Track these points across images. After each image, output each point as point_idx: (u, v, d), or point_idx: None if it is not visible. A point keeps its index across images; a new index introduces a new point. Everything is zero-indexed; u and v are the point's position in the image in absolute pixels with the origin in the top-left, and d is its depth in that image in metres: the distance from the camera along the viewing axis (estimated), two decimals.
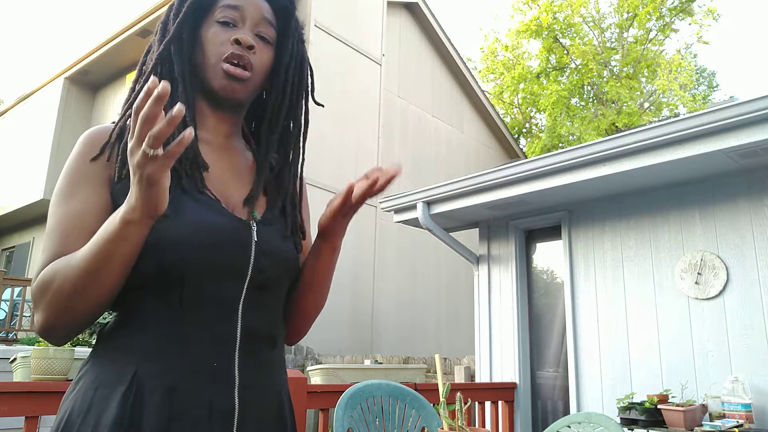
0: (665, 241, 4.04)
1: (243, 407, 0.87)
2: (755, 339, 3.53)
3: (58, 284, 0.80)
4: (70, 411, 0.83)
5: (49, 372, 3.92)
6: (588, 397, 4.22)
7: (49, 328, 0.83)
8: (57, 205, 0.89)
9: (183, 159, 0.91)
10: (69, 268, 0.80)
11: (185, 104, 0.95)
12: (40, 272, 0.84)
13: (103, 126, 0.96)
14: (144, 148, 0.70)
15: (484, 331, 4.95)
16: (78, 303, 0.80)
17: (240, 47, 0.96)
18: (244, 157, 1.05)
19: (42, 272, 0.83)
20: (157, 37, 0.99)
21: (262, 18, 1.01)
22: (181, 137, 0.70)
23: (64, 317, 0.81)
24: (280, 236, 0.98)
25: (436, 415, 2.76)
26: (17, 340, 7.80)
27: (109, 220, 0.79)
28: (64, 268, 0.81)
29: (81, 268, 0.79)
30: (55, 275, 0.81)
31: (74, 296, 0.79)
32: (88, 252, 0.79)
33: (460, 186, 4.56)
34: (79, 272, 0.79)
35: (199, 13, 0.99)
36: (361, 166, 9.45)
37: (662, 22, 17.27)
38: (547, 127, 17.31)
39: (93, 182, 0.90)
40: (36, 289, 0.83)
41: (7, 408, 2.04)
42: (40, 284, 0.82)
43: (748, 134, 3.20)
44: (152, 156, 0.70)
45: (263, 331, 0.94)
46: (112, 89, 11.40)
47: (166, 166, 0.73)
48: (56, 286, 0.80)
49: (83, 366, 0.89)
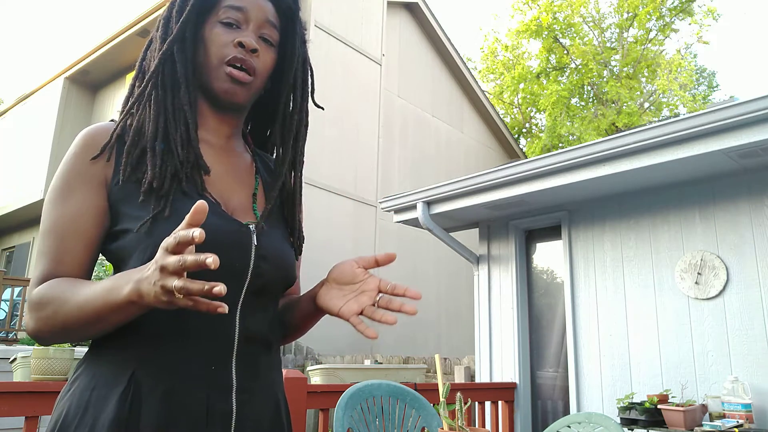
0: (665, 241, 4.04)
1: (240, 410, 0.87)
2: (755, 339, 3.54)
3: (51, 313, 0.81)
4: (66, 411, 0.83)
5: (49, 372, 3.91)
6: (588, 397, 4.22)
7: (37, 337, 0.84)
8: (53, 205, 0.89)
9: (185, 162, 0.91)
10: (65, 305, 0.80)
11: (188, 105, 0.94)
12: (38, 285, 0.85)
13: (102, 124, 0.95)
14: (172, 290, 0.69)
15: (484, 331, 4.95)
16: (67, 335, 0.83)
17: (243, 50, 0.95)
18: (243, 159, 1.04)
19: (38, 290, 0.83)
20: (159, 33, 0.97)
21: (266, 20, 0.99)
22: (213, 307, 0.71)
23: (54, 338, 0.84)
24: (279, 240, 0.98)
25: (436, 415, 2.76)
26: (17, 340, 7.80)
27: (114, 284, 0.76)
28: (60, 303, 0.81)
29: (74, 315, 0.79)
30: (50, 302, 0.81)
31: (64, 331, 0.81)
32: (84, 304, 0.79)
33: (460, 186, 4.55)
34: (71, 317, 0.80)
35: (202, 12, 0.98)
36: (361, 166, 9.45)
37: (662, 22, 17.27)
38: (547, 127, 17.31)
39: (90, 183, 0.89)
40: (31, 303, 0.84)
41: (7, 408, 2.04)
42: (36, 302, 0.83)
43: (748, 134, 3.19)
44: (176, 299, 0.70)
45: (260, 334, 0.94)
46: (112, 89, 11.40)
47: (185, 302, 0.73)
48: (49, 314, 0.81)
49: (78, 367, 0.88)
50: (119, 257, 0.88)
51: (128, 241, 0.86)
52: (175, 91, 0.94)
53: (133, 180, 0.89)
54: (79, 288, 0.81)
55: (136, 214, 0.87)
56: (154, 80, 0.93)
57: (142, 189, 0.87)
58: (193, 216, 0.69)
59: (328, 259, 8.56)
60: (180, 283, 0.69)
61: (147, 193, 0.87)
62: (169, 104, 0.93)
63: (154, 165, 0.88)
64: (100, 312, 0.78)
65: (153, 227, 0.85)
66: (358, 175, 9.37)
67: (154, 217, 0.85)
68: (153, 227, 0.85)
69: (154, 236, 0.83)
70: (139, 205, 0.87)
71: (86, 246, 0.88)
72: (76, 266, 0.87)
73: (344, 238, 8.90)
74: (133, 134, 0.91)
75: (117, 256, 0.89)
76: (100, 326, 0.80)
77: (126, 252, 0.87)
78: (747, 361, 3.53)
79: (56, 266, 0.86)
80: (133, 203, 0.88)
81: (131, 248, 0.86)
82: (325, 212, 8.59)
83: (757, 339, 3.53)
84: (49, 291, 0.82)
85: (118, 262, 0.89)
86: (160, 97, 0.93)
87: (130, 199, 0.88)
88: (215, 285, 0.68)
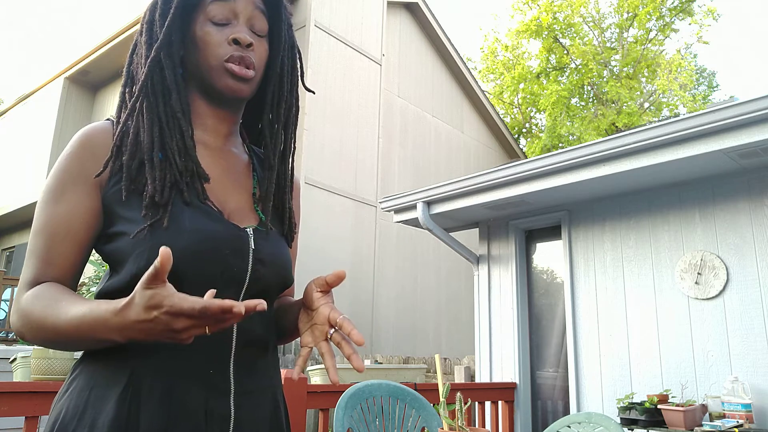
0: (665, 241, 4.04)
1: (238, 413, 0.87)
2: (755, 339, 3.53)
3: (35, 324, 0.82)
4: (64, 412, 0.82)
5: (49, 372, 3.91)
6: (588, 397, 4.22)
7: (21, 338, 0.87)
8: (46, 204, 0.88)
9: (184, 171, 0.90)
10: (47, 319, 0.80)
11: (180, 113, 0.92)
12: (27, 288, 0.85)
13: (99, 124, 0.93)
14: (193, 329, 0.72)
15: (484, 331, 4.95)
16: (50, 346, 0.85)
17: (239, 47, 0.94)
18: (240, 159, 1.03)
19: (26, 298, 0.84)
20: (144, 38, 0.95)
21: (254, 10, 0.98)
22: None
23: (39, 344, 0.85)
24: (276, 243, 0.97)
25: (436, 415, 2.76)
26: (17, 340, 7.81)
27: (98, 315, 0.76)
28: (43, 315, 0.81)
29: (55, 332, 0.80)
30: (33, 311, 0.82)
31: (46, 343, 0.83)
32: (66, 325, 0.79)
33: (460, 186, 4.55)
34: (54, 333, 0.80)
35: (188, 11, 0.95)
36: (361, 166, 9.45)
37: (662, 22, 17.26)
38: (547, 127, 17.31)
39: (85, 184, 0.88)
40: (19, 309, 0.84)
41: (7, 408, 2.04)
42: (23, 311, 0.83)
43: (748, 134, 3.20)
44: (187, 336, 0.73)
45: (258, 337, 0.93)
46: (112, 89, 11.40)
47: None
48: (33, 324, 0.82)
49: (75, 367, 0.88)
50: (115, 259, 0.88)
51: (124, 244, 0.86)
52: (166, 98, 0.92)
53: (131, 188, 0.88)
54: (63, 308, 0.80)
55: (131, 216, 0.87)
56: (145, 90, 0.92)
57: (144, 203, 0.86)
58: (163, 267, 0.69)
59: (328, 259, 8.52)
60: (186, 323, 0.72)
61: (149, 207, 0.86)
62: (162, 112, 0.92)
63: (154, 178, 0.87)
64: (84, 341, 0.80)
65: (151, 234, 0.84)
66: (358, 175, 9.36)
67: (151, 225, 0.85)
68: (151, 234, 0.84)
69: (152, 243, 0.83)
70: (135, 207, 0.87)
71: (77, 247, 0.88)
72: (66, 268, 0.87)
73: (344, 238, 8.90)
74: (131, 146, 0.90)
75: (113, 258, 0.88)
76: (84, 347, 0.83)
77: (122, 255, 0.86)
78: (747, 361, 3.53)
79: (46, 267, 0.86)
80: (127, 205, 0.88)
81: (127, 252, 0.85)
82: (325, 212, 8.59)
83: (757, 339, 3.53)
84: (36, 301, 0.82)
85: (114, 263, 0.89)
86: (153, 106, 0.92)
87: (125, 200, 0.88)
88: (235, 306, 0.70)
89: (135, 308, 0.71)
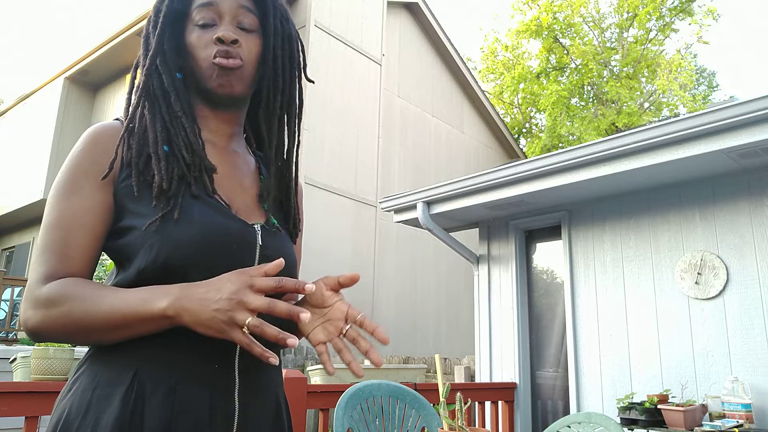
0: (665, 241, 4.04)
1: (243, 409, 0.88)
2: (755, 339, 3.53)
3: (65, 311, 0.80)
4: (67, 411, 0.82)
5: (49, 372, 3.92)
6: (588, 397, 4.22)
7: (38, 334, 0.83)
8: (58, 199, 0.88)
9: (191, 165, 0.92)
10: (83, 306, 0.80)
11: (181, 111, 0.94)
12: (44, 282, 0.83)
13: (109, 123, 0.96)
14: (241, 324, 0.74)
15: (484, 331, 4.95)
16: (75, 336, 0.82)
17: (223, 44, 0.95)
18: (245, 159, 1.04)
19: (50, 287, 0.82)
20: (142, 51, 0.99)
21: (239, 8, 0.99)
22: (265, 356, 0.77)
23: (57, 337, 0.83)
24: (282, 241, 0.99)
25: (436, 415, 2.76)
26: (17, 340, 7.81)
27: (150, 296, 0.79)
28: (78, 303, 0.80)
29: (94, 318, 0.79)
30: (66, 300, 0.81)
31: (76, 331, 0.81)
32: (110, 309, 0.79)
33: (460, 186, 4.56)
34: (92, 320, 0.80)
35: (179, 21, 0.99)
36: (361, 166, 9.45)
37: (662, 22, 17.26)
38: (547, 127, 17.30)
39: (97, 179, 0.89)
40: (39, 299, 0.82)
41: (7, 408, 2.04)
42: (46, 298, 0.81)
43: (748, 134, 3.20)
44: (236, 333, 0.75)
45: None
46: (112, 89, 11.40)
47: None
48: (62, 312, 0.80)
49: (79, 367, 0.88)
50: (124, 254, 0.88)
51: (134, 238, 0.86)
52: (167, 101, 0.95)
53: (141, 181, 0.90)
54: (101, 292, 0.81)
55: (142, 210, 0.87)
56: (145, 94, 0.95)
57: (153, 194, 0.87)
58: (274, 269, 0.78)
59: (328, 259, 8.53)
60: (256, 322, 0.73)
61: (158, 197, 0.87)
62: (165, 113, 0.94)
63: (160, 169, 0.89)
64: (128, 319, 0.79)
65: (162, 227, 0.85)
66: (358, 175, 9.37)
67: (162, 217, 0.85)
68: (162, 227, 0.85)
69: (162, 236, 0.84)
70: (145, 202, 0.88)
71: (94, 241, 0.88)
72: (84, 262, 0.87)
73: (344, 238, 8.90)
74: (137, 143, 0.92)
75: (121, 254, 0.89)
76: (124, 333, 0.81)
77: (131, 249, 0.86)
78: (747, 361, 3.53)
79: (62, 261, 0.85)
80: (138, 199, 0.88)
81: (137, 246, 0.86)
82: (325, 212, 8.59)
83: (757, 339, 3.53)
84: (64, 289, 0.81)
85: (121, 259, 0.89)
86: (155, 107, 0.94)
87: (136, 195, 0.89)
88: (288, 336, 0.73)
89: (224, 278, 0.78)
